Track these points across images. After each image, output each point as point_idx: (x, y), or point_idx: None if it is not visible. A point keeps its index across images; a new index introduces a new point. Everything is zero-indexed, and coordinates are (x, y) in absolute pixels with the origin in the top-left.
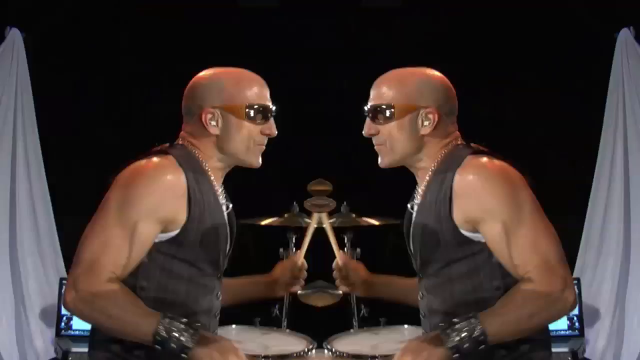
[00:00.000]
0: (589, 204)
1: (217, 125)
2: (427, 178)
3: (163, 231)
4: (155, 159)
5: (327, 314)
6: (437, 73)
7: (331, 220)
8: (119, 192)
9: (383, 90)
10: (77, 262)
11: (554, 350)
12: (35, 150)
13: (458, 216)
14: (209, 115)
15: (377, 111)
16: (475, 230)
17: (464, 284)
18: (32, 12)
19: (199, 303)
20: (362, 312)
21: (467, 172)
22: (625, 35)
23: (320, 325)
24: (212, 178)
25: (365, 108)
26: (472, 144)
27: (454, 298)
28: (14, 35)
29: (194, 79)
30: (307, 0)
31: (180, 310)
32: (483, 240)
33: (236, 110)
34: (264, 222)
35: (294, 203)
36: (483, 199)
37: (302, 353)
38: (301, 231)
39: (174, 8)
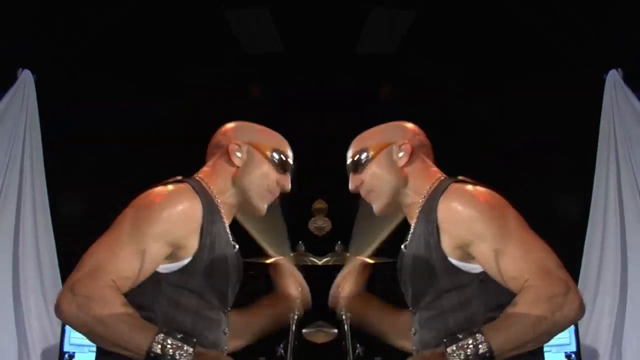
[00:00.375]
0: (585, 244)
1: (241, 157)
2: (416, 213)
3: (173, 259)
4: (173, 186)
5: (330, 354)
6: (406, 122)
7: (326, 259)
8: (133, 211)
9: (357, 144)
10: (78, 267)
11: None
12: (41, 191)
13: (446, 244)
14: (236, 147)
15: (355, 162)
16: (465, 259)
17: (457, 316)
18: (43, 53)
19: (205, 336)
20: (357, 351)
21: (450, 199)
22: (613, 77)
23: None
24: (222, 212)
25: (346, 167)
26: (458, 177)
27: (448, 331)
28: (26, 77)
29: (224, 126)
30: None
31: None
32: (473, 271)
33: (263, 149)
34: (268, 261)
35: (299, 242)
36: (468, 222)
37: None
38: (306, 270)
39: (180, 55)
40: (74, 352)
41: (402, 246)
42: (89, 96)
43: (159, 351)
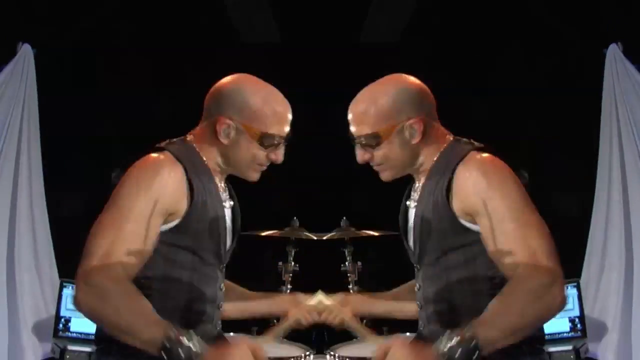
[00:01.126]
0: (591, 219)
1: (229, 137)
2: (426, 174)
3: (165, 222)
4: (153, 155)
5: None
6: (407, 80)
7: (331, 234)
8: (125, 189)
9: (362, 118)
10: (88, 255)
11: (556, 349)
12: (37, 168)
13: (457, 207)
14: (224, 126)
15: (363, 141)
16: (472, 222)
17: (460, 273)
18: (43, 28)
19: (203, 292)
20: (364, 322)
21: (470, 167)
22: (613, 51)
23: (318, 335)
24: (211, 172)
25: (351, 137)
26: (464, 139)
27: (450, 287)
28: (25, 51)
29: (223, 82)
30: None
31: (185, 299)
32: (479, 231)
33: (252, 132)
34: (263, 234)
35: (294, 217)
36: (481, 196)
37: (300, 358)
38: (300, 244)
39: (178, 44)
40: (70, 317)
41: (407, 202)
42: (88, 78)
43: (173, 340)
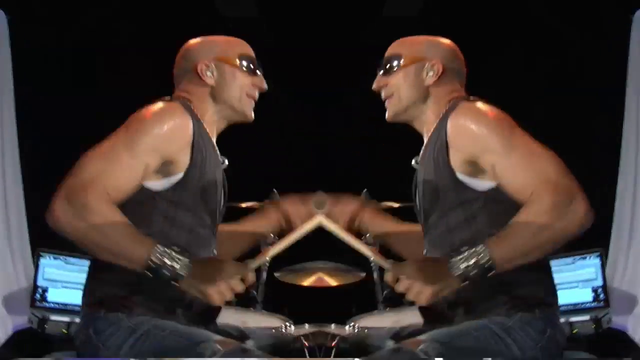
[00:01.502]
0: (617, 193)
1: (213, 75)
2: (430, 132)
3: (166, 174)
4: (165, 103)
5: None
6: (447, 40)
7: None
8: (128, 126)
9: (395, 46)
10: (74, 174)
11: (578, 319)
12: (11, 132)
13: (455, 159)
14: (204, 67)
15: (386, 62)
16: (474, 175)
17: (463, 233)
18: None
19: (198, 254)
20: (384, 292)
21: (459, 115)
22: None
23: (298, 306)
24: (208, 131)
25: (378, 66)
26: (469, 97)
27: (453, 248)
28: None
29: (184, 45)
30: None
31: None
32: (479, 188)
33: (229, 60)
34: (244, 205)
35: (274, 190)
36: (476, 136)
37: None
38: None
39: (156, 13)
40: (47, 287)
41: (413, 162)
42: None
43: (158, 262)
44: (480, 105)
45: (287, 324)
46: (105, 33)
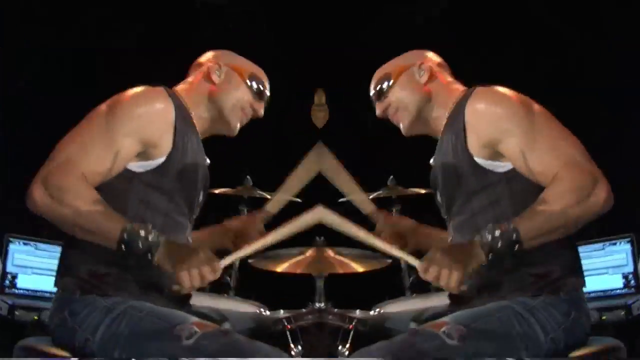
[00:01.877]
0: None
1: (219, 76)
2: (443, 125)
3: (148, 158)
4: (147, 87)
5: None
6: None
7: (377, 193)
8: (107, 108)
9: (378, 73)
10: (51, 159)
11: (606, 305)
12: None
13: (473, 144)
14: (216, 67)
15: (378, 90)
16: (492, 158)
17: (487, 216)
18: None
19: (173, 239)
20: (411, 278)
21: (476, 100)
22: None
23: (271, 292)
24: (195, 125)
25: (372, 98)
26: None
27: (479, 231)
28: None
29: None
30: None
31: None
32: (499, 170)
33: (241, 73)
34: (217, 191)
35: (247, 176)
36: (496, 119)
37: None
38: (253, 203)
39: (156, 13)
40: (16, 273)
41: (431, 160)
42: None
43: (133, 232)
44: (499, 88)
45: (261, 309)
46: (104, 33)
